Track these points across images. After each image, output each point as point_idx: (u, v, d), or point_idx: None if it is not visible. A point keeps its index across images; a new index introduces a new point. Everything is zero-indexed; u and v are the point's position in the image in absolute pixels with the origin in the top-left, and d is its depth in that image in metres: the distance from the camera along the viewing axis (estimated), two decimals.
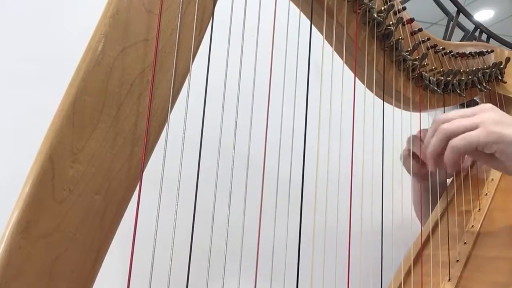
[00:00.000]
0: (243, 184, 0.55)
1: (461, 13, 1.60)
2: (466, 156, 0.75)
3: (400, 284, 0.72)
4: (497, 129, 0.60)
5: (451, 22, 1.58)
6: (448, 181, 0.90)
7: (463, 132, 0.63)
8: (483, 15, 1.79)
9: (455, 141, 0.63)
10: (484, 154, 0.64)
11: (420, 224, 0.87)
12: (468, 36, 1.63)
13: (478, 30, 1.65)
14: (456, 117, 0.65)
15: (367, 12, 0.71)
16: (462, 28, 1.63)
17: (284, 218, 0.61)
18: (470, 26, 1.64)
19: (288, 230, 0.62)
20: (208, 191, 0.51)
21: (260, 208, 0.54)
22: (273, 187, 0.60)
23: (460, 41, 1.61)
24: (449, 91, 0.87)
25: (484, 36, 1.67)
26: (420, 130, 0.79)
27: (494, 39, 1.69)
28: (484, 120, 0.62)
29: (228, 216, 0.52)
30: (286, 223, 0.61)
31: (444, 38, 1.56)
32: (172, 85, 0.49)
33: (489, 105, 0.65)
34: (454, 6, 1.59)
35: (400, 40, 0.75)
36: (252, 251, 0.53)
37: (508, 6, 1.89)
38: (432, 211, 0.85)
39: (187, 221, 0.47)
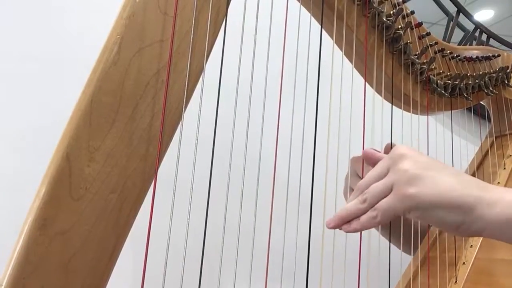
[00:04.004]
0: (254, 186, 0.55)
1: (461, 13, 1.59)
2: None
3: (407, 284, 0.72)
4: (411, 191, 0.46)
5: (451, 22, 1.58)
6: None
7: (381, 198, 0.49)
8: (483, 15, 1.78)
9: (371, 213, 0.50)
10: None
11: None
12: (468, 36, 1.62)
13: (478, 30, 1.64)
14: (371, 181, 0.51)
15: (376, 16, 0.71)
16: (462, 28, 1.62)
17: (294, 220, 0.62)
18: (470, 26, 1.63)
19: (298, 231, 0.62)
20: (220, 191, 0.51)
21: (271, 209, 0.54)
22: (283, 189, 0.60)
23: (460, 41, 1.61)
24: (456, 94, 0.87)
25: (484, 36, 1.66)
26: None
27: (494, 39, 1.68)
28: (396, 179, 0.47)
29: (240, 217, 0.52)
30: (296, 225, 0.61)
31: (444, 38, 1.55)
32: (186, 85, 0.49)
33: (403, 150, 0.49)
34: (454, 6, 1.58)
35: (408, 43, 0.75)
36: (263, 252, 0.54)
37: (508, 6, 1.88)
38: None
39: (200, 221, 0.47)
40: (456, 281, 0.71)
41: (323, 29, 0.63)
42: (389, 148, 0.75)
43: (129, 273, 0.61)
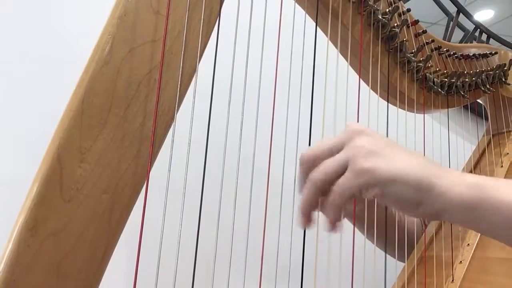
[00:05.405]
0: (248, 186, 0.55)
1: (461, 13, 1.60)
2: None
3: (404, 284, 0.72)
4: (367, 165, 0.43)
5: (451, 22, 1.58)
6: None
7: (336, 178, 0.45)
8: (483, 15, 1.79)
9: (328, 199, 0.46)
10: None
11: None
12: (468, 36, 1.62)
13: (478, 30, 1.64)
14: (322, 155, 0.47)
15: (372, 13, 0.71)
16: (462, 28, 1.62)
17: (288, 220, 0.61)
18: (470, 26, 1.64)
19: (292, 231, 0.62)
20: (214, 192, 0.51)
21: (265, 210, 0.54)
22: (277, 190, 0.60)
23: (460, 41, 1.61)
24: (453, 92, 0.87)
25: (484, 36, 1.66)
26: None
27: (494, 39, 1.69)
28: (353, 155, 0.44)
29: (233, 217, 0.52)
30: (291, 225, 0.61)
31: (444, 38, 1.55)
32: (179, 85, 0.49)
33: (359, 127, 0.46)
34: (454, 6, 1.59)
35: (404, 41, 0.75)
36: (257, 253, 0.53)
37: (508, 6, 1.89)
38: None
39: (193, 222, 0.47)
40: (453, 280, 0.71)
41: (318, 28, 0.63)
42: None
43: (121, 274, 0.60)
